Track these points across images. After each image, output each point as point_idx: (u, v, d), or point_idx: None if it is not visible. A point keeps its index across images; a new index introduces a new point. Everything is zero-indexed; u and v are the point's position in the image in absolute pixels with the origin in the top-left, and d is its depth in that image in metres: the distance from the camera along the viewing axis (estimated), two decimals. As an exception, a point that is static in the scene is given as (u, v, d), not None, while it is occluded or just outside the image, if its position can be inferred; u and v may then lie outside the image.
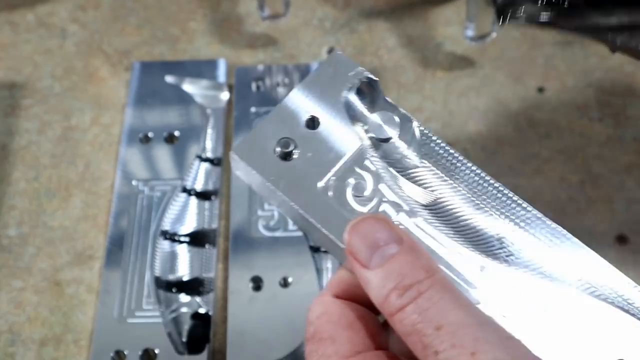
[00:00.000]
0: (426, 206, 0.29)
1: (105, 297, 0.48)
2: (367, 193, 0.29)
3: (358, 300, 0.28)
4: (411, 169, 0.30)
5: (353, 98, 0.30)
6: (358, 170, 0.29)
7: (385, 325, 0.27)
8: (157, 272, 0.48)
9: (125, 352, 0.45)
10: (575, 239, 0.29)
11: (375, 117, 0.30)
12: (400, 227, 0.28)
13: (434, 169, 0.30)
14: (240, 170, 0.30)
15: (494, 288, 0.27)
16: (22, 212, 0.52)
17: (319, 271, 0.48)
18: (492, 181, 0.30)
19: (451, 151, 0.30)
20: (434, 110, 0.56)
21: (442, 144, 0.30)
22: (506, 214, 0.29)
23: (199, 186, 0.52)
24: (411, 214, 0.29)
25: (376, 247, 0.25)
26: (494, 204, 0.29)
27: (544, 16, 0.38)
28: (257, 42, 0.60)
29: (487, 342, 0.23)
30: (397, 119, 0.30)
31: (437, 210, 0.29)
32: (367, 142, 0.30)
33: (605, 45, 0.52)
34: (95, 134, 0.56)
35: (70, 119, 0.56)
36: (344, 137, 0.30)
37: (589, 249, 0.29)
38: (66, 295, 0.49)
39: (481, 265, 0.28)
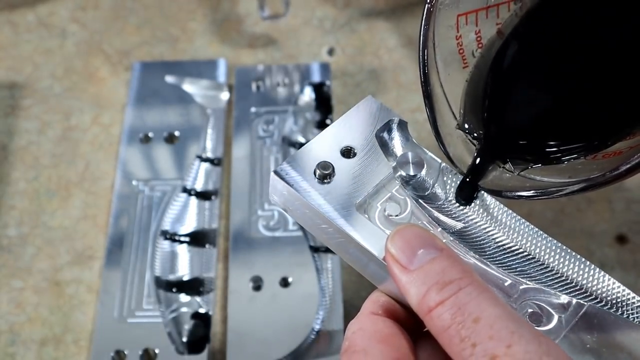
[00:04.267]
0: (453, 233, 0.31)
1: (105, 297, 0.48)
2: (398, 216, 0.31)
3: (392, 318, 0.29)
4: (438, 201, 0.32)
5: (386, 136, 0.33)
6: (389, 198, 0.32)
7: (417, 342, 0.29)
8: (157, 272, 0.48)
9: (125, 352, 0.45)
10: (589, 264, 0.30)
11: (404, 156, 0.33)
12: None
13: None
14: (278, 193, 0.32)
15: (528, 299, 0.29)
16: (22, 212, 0.52)
17: (319, 271, 0.48)
18: (512, 213, 0.32)
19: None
20: (434, 110, 0.56)
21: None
22: (532, 244, 0.31)
23: (199, 186, 0.52)
24: (441, 236, 0.30)
25: (416, 249, 0.27)
26: (517, 237, 0.31)
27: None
28: (257, 42, 0.60)
29: (522, 336, 0.24)
30: (424, 157, 0.33)
31: (464, 237, 0.31)
32: (398, 176, 0.32)
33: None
34: (95, 134, 0.56)
35: (70, 119, 0.56)
36: (376, 169, 0.32)
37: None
38: (66, 295, 0.49)
39: (513, 285, 0.29)
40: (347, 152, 0.32)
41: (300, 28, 0.61)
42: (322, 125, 0.54)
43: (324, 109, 0.55)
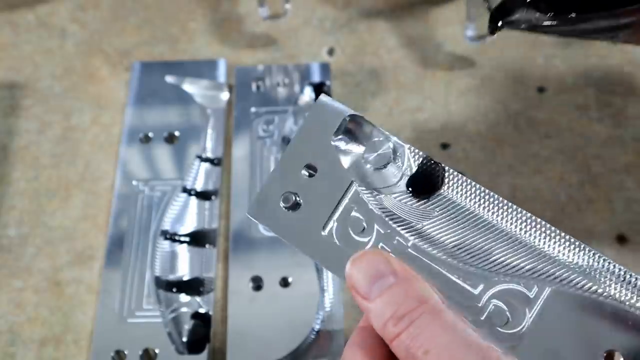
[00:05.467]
0: (414, 233, 0.30)
1: (105, 297, 0.48)
2: (366, 228, 0.31)
3: (378, 346, 0.29)
4: (401, 195, 0.31)
5: (343, 139, 0.32)
6: (356, 208, 0.31)
7: None
8: (157, 272, 0.48)
9: (125, 352, 0.45)
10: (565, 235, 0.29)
11: (368, 150, 0.32)
12: (400, 254, 0.30)
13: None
14: (261, 226, 0.32)
15: (494, 299, 0.29)
16: (22, 212, 0.52)
17: (319, 271, 0.48)
18: (485, 190, 0.31)
19: (445, 167, 0.31)
20: (434, 110, 0.56)
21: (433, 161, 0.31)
22: (503, 218, 0.30)
23: (199, 186, 0.52)
24: (406, 240, 0.30)
25: (374, 280, 0.28)
26: (491, 213, 0.30)
27: (541, 21, 0.38)
28: (257, 42, 0.60)
29: None
30: (390, 145, 0.31)
31: (425, 237, 0.30)
32: (361, 181, 0.31)
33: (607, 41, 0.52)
34: (95, 134, 0.56)
35: (70, 119, 0.56)
36: (339, 179, 0.31)
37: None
38: (66, 295, 0.49)
39: (482, 281, 0.29)
40: (309, 171, 0.32)
41: (300, 28, 0.61)
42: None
43: (324, 109, 0.55)
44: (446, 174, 0.31)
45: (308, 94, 0.56)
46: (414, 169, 0.31)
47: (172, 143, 0.54)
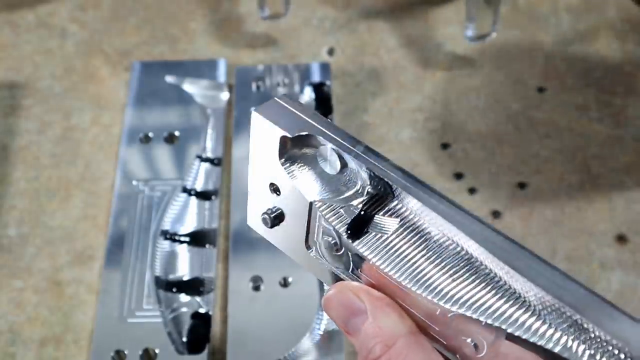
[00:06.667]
0: (380, 245, 0.28)
1: (105, 297, 0.48)
2: (337, 243, 0.30)
3: None
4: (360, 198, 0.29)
5: (286, 158, 0.29)
6: (322, 224, 0.30)
7: None
8: (157, 272, 0.48)
9: (126, 352, 0.45)
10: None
11: (319, 155, 0.29)
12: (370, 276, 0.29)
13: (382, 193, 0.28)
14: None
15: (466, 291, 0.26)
16: (22, 212, 0.52)
17: (319, 271, 0.48)
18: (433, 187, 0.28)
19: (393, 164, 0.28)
20: (434, 110, 0.56)
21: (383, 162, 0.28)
22: (456, 221, 0.27)
23: (199, 186, 0.52)
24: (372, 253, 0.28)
25: (348, 318, 0.29)
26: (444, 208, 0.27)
27: None
28: (257, 42, 0.60)
29: None
30: (332, 148, 0.28)
31: (391, 253, 0.28)
32: (317, 196, 0.29)
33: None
34: (95, 134, 0.56)
35: (70, 119, 0.56)
36: (300, 197, 0.29)
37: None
38: (66, 295, 0.49)
39: (452, 273, 0.27)
40: (275, 190, 0.30)
41: (300, 28, 0.61)
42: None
43: (324, 109, 0.55)
44: (393, 186, 0.28)
45: (308, 94, 0.56)
46: (364, 177, 0.28)
47: (172, 143, 0.54)
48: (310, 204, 0.29)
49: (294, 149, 0.29)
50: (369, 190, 0.28)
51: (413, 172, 0.28)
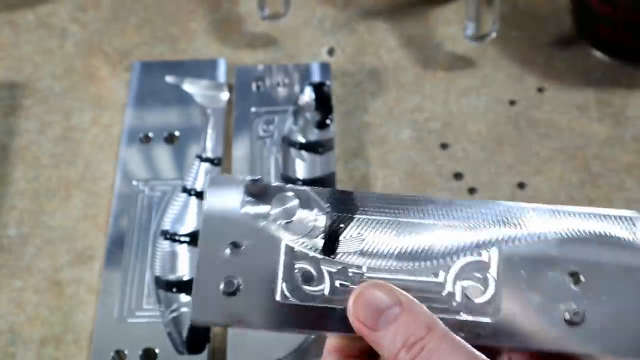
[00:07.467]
0: (365, 254, 0.31)
1: (105, 297, 0.48)
2: (316, 275, 0.31)
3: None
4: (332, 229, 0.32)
5: (248, 207, 0.32)
6: (296, 262, 0.31)
7: None
8: (157, 272, 0.48)
9: (125, 352, 0.45)
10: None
11: (274, 207, 0.32)
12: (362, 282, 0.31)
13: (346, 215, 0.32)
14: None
15: (458, 280, 0.31)
16: (22, 212, 0.52)
17: (319, 271, 0.48)
18: (391, 196, 0.32)
19: (347, 191, 0.32)
20: (434, 110, 0.56)
21: (335, 193, 0.32)
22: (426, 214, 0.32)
23: (199, 186, 0.52)
24: (359, 267, 0.31)
25: (380, 311, 0.29)
26: (408, 213, 0.32)
27: None
28: (257, 42, 0.60)
29: None
30: (290, 194, 0.32)
31: (372, 252, 0.31)
32: (288, 236, 0.31)
33: None
34: (95, 134, 0.56)
35: (70, 119, 0.56)
36: (267, 243, 0.31)
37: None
38: (66, 295, 0.49)
39: (440, 268, 0.31)
40: (234, 248, 0.31)
41: (300, 28, 0.61)
42: (322, 126, 0.54)
43: (324, 109, 0.55)
44: (356, 198, 0.32)
45: (308, 94, 0.56)
46: (325, 208, 0.32)
47: (172, 143, 0.54)
48: (280, 242, 0.31)
49: (256, 195, 0.32)
50: (327, 212, 0.32)
51: (413, 172, 0.30)
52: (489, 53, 0.59)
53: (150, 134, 0.55)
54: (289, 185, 0.32)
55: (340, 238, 0.31)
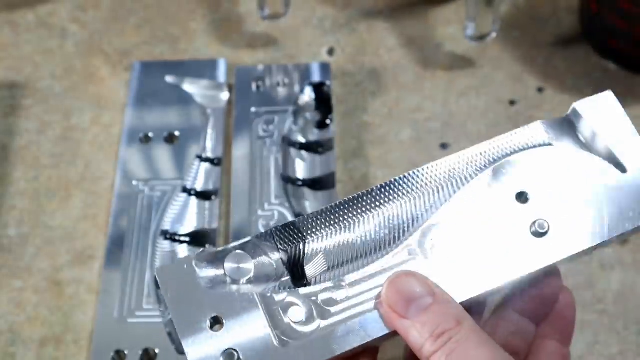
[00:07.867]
0: (333, 266, 0.32)
1: (105, 297, 0.48)
2: (306, 311, 0.31)
3: None
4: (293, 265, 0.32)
5: (207, 279, 0.31)
6: (279, 306, 0.31)
7: None
8: (157, 272, 0.48)
9: (125, 352, 0.45)
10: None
11: (230, 270, 0.31)
12: (349, 299, 0.31)
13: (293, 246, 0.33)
14: None
15: (432, 261, 0.32)
16: (22, 212, 0.52)
17: (319, 271, 0.48)
18: (326, 211, 0.33)
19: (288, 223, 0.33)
20: (434, 110, 0.56)
21: (276, 229, 0.33)
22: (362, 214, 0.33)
23: (199, 186, 0.52)
24: (339, 286, 0.32)
25: (412, 300, 0.29)
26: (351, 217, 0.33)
27: None
28: (257, 42, 0.60)
29: None
30: (239, 251, 0.32)
31: (341, 264, 0.32)
32: (256, 289, 0.31)
33: None
34: (95, 134, 0.56)
35: (70, 119, 0.56)
36: (245, 305, 0.31)
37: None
38: (66, 295, 0.49)
39: (408, 252, 0.32)
40: (215, 324, 0.30)
41: (300, 28, 0.61)
42: (322, 126, 0.54)
43: (324, 109, 0.55)
44: (299, 225, 0.33)
45: (308, 94, 0.56)
46: (277, 247, 0.32)
47: (172, 143, 0.54)
48: (255, 296, 0.31)
49: (208, 266, 0.31)
50: (280, 250, 0.32)
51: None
52: (489, 53, 0.59)
53: (150, 134, 0.55)
54: (231, 245, 0.32)
55: (305, 266, 0.32)
